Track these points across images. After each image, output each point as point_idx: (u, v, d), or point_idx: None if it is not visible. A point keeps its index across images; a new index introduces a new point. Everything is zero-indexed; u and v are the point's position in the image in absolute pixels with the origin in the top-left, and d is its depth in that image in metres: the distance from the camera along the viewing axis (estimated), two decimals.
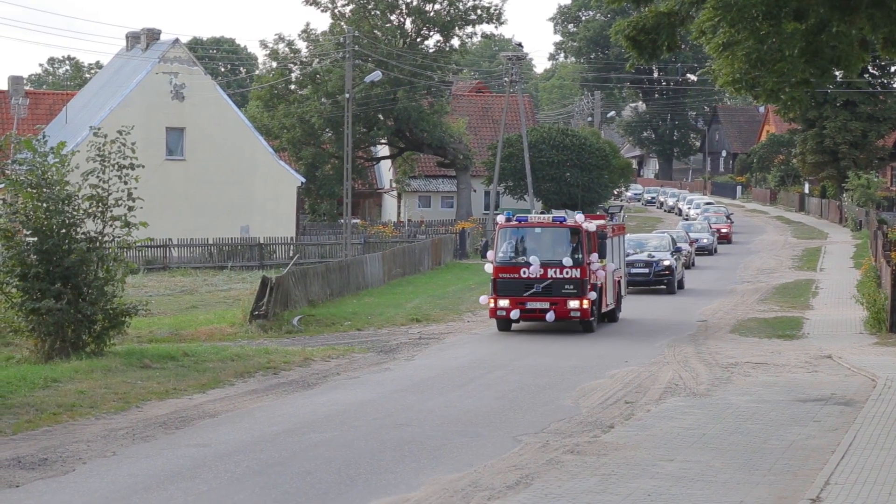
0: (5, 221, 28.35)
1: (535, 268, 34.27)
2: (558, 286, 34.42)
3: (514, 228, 35.07)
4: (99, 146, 29.12)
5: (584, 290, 34.48)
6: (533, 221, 35.43)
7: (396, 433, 20.87)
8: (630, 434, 20.61)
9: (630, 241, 47.98)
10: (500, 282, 34.69)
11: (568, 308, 34.46)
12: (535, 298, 34.44)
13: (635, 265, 47.06)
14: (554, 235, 34.81)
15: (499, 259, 34.85)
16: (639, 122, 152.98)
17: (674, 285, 48.06)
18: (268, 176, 68.24)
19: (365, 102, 77.50)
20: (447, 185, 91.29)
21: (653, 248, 48.51)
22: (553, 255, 34.60)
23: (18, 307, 28.18)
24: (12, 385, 23.89)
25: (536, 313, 34.53)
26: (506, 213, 35.38)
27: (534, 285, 34.45)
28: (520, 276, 34.51)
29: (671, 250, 48.80)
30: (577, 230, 34.68)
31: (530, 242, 34.85)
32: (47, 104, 79.44)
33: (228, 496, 16.30)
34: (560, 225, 34.89)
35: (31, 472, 17.57)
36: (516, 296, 34.51)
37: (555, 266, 34.43)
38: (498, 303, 34.67)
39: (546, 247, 34.67)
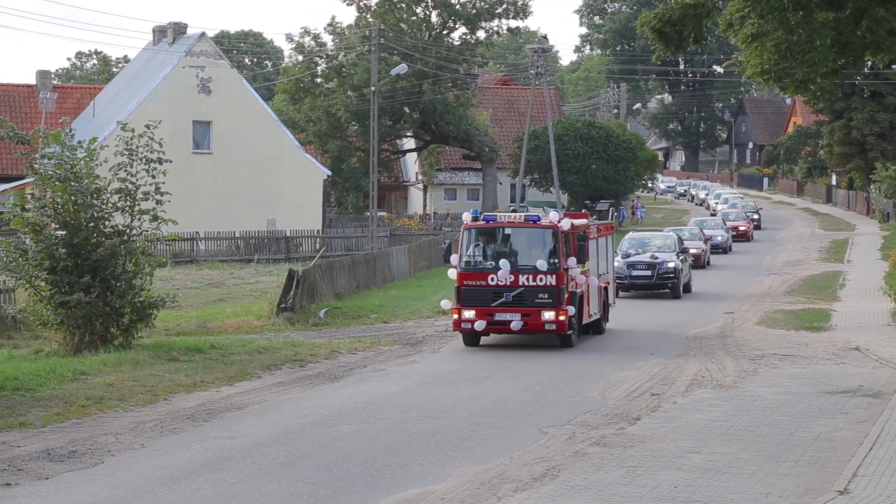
0: (34, 215, 28.51)
1: (505, 273, 29.74)
2: (531, 295, 29.82)
3: (480, 229, 30.61)
4: (127, 140, 29.26)
5: (560, 300, 29.86)
6: (502, 221, 30.86)
7: (422, 425, 20.92)
8: (656, 426, 20.60)
9: (632, 240, 45.73)
10: (465, 290, 30.22)
11: (542, 320, 29.86)
12: (504, 309, 29.92)
13: (637, 266, 43.40)
14: (526, 237, 30.31)
15: (463, 264, 30.37)
16: (665, 113, 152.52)
17: (679, 289, 43.65)
18: (294, 169, 68.35)
19: (391, 95, 77.52)
20: (473, 177, 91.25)
21: (656, 248, 44.52)
22: (525, 259, 30.10)
23: (47, 300, 28.34)
24: (41, 378, 24.05)
25: (506, 326, 30.10)
26: (472, 212, 30.98)
27: (503, 294, 29.90)
28: (487, 283, 29.99)
29: (676, 251, 44.62)
30: (554, 231, 30.08)
31: (499, 245, 30.41)
32: (75, 98, 79.77)
33: (256, 488, 16.37)
34: (533, 225, 30.30)
35: (60, 465, 17.68)
36: (483, 306, 29.98)
37: (527, 272, 29.86)
38: (462, 314, 30.16)
39: (517, 250, 30.26)
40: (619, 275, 41.24)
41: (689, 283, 45.64)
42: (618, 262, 41.67)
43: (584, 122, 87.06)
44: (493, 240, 30.49)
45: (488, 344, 31.90)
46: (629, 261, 43.04)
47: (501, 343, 31.95)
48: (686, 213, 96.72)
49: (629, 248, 44.31)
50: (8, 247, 29.29)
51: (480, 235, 30.49)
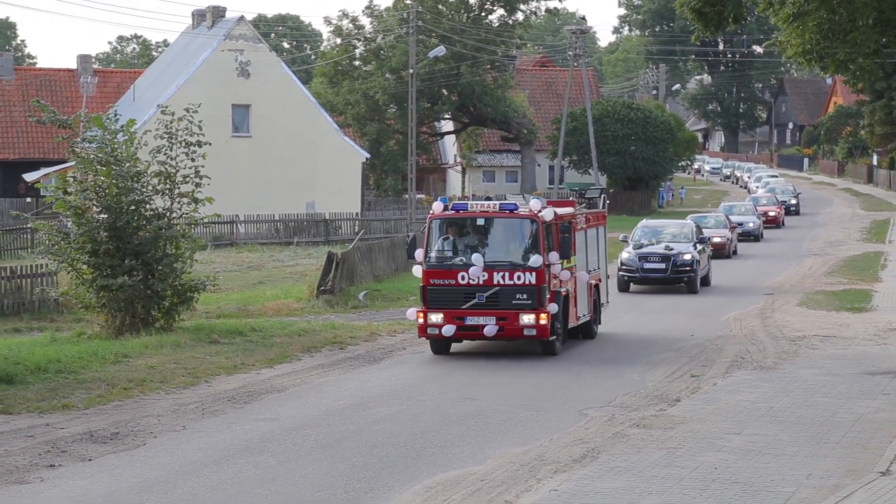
0: (76, 199, 28.69)
1: (478, 270, 25.61)
2: (508, 295, 25.68)
3: (449, 219, 26.44)
4: (167, 124, 29.41)
5: (541, 301, 25.66)
6: (474, 210, 26.36)
7: (462, 407, 20.96)
8: (696, 407, 20.57)
9: (645, 229, 41.57)
10: (432, 290, 26.03)
11: (520, 324, 25.71)
12: (477, 312, 25.78)
13: (650, 259, 39.30)
14: (502, 229, 26.31)
15: (430, 260, 26.20)
16: (704, 94, 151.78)
17: (695, 283, 39.54)
18: (333, 152, 68.45)
19: (429, 78, 77.46)
20: (511, 159, 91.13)
21: (671, 239, 40.51)
22: (501, 254, 26.09)
23: (89, 284, 28.54)
24: (84, 360, 24.24)
25: (479, 332, 25.95)
26: (440, 199, 27.06)
27: (475, 294, 25.77)
28: (457, 282, 25.81)
29: (694, 241, 40.46)
30: (534, 221, 26.04)
31: (471, 238, 26.33)
32: (115, 82, 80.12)
33: (296, 469, 16.46)
34: (510, 215, 26.18)
35: (103, 446, 17.83)
36: (453, 308, 25.81)
37: (503, 269, 25.75)
38: (429, 318, 25.91)
39: (492, 244, 26.22)
40: (629, 267, 39.15)
41: (709, 276, 41.48)
42: (629, 253, 39.47)
43: (622, 103, 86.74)
44: (463, 232, 26.39)
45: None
46: (641, 252, 39.41)
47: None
48: (726, 194, 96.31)
49: (642, 237, 40.63)
50: (50, 230, 29.49)
51: (449, 227, 26.39)
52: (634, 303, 37.43)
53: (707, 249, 41.79)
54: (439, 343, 26.75)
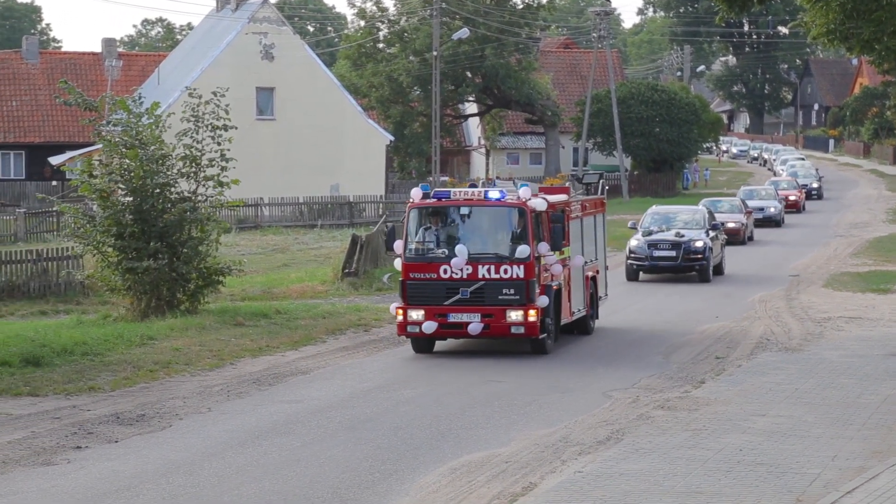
0: (101, 182, 28.78)
1: (461, 263, 23.76)
2: (494, 290, 23.82)
3: (430, 208, 24.48)
4: (193, 107, 29.45)
5: (530, 296, 23.80)
6: (457, 198, 24.51)
7: (486, 389, 21.00)
8: (721, 389, 20.56)
9: (655, 215, 39.70)
10: (412, 285, 24.15)
11: (507, 321, 23.83)
12: (460, 308, 23.91)
13: (659, 246, 37.55)
14: (488, 218, 24.47)
15: (410, 252, 24.32)
16: (729, 76, 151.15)
17: (708, 271, 37.71)
18: (357, 134, 68.46)
19: (453, 60, 77.36)
20: (535, 141, 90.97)
21: (682, 225, 38.70)
22: (486, 245, 24.22)
23: (115, 266, 28.64)
24: (110, 343, 24.35)
25: (463, 329, 24.09)
26: (421, 186, 25.00)
27: (459, 289, 23.92)
28: (439, 276, 23.94)
29: (706, 227, 38.65)
30: (521, 210, 24.09)
31: (454, 228, 24.46)
32: (140, 66, 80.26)
33: (322, 451, 16.52)
34: (496, 203, 24.26)
35: (129, 428, 17.93)
36: (434, 304, 23.91)
37: (489, 261, 23.90)
38: (409, 314, 24.01)
39: (476, 234, 24.37)
40: (638, 255, 37.53)
41: (722, 264, 39.62)
42: (637, 240, 37.77)
43: (647, 84, 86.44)
44: (446, 221, 24.49)
45: None
46: (651, 239, 37.64)
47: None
48: (751, 175, 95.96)
49: (651, 224, 38.80)
50: (76, 213, 29.61)
51: (431, 216, 24.47)
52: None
53: (720, 236, 40.03)
54: (420, 342, 24.80)
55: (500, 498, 13.99)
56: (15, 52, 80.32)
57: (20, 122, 76.15)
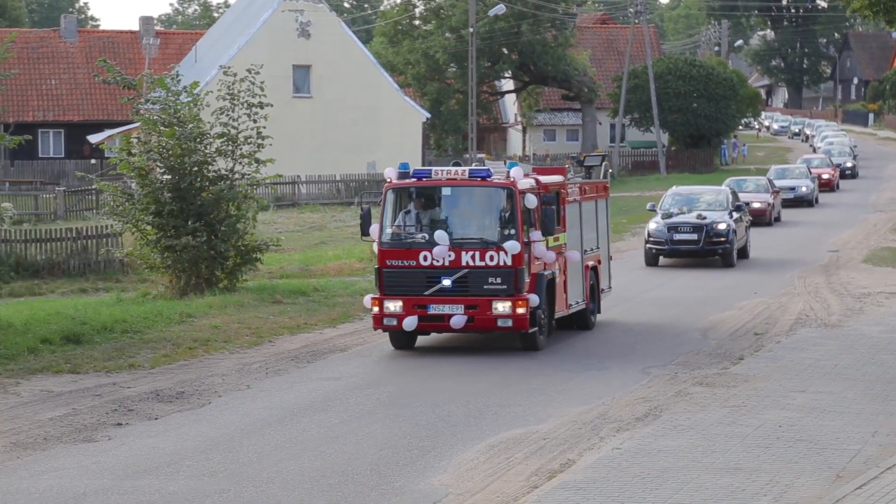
0: (140, 160, 28.90)
1: (443, 250, 21.52)
2: (478, 279, 21.63)
3: (410, 189, 22.26)
4: (229, 85, 29.52)
5: (518, 286, 21.61)
6: (439, 177, 22.24)
7: (524, 366, 21.00)
8: (760, 365, 20.49)
9: (676, 196, 37.52)
10: (390, 273, 22.01)
11: (494, 313, 21.62)
12: (442, 299, 21.73)
13: (680, 229, 35.27)
14: (472, 200, 22.29)
15: (387, 238, 22.17)
16: (767, 50, 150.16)
17: (731, 256, 35.48)
18: (393, 112, 68.45)
19: (489, 36, 77.17)
20: (572, 118, 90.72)
21: (704, 207, 36.53)
22: (471, 229, 22.06)
23: (154, 244, 28.78)
24: (149, 320, 24.50)
25: (445, 322, 21.84)
26: (399, 165, 22.68)
27: (440, 278, 21.72)
28: (419, 263, 21.74)
29: (729, 208, 36.43)
30: (510, 191, 21.77)
31: (436, 211, 22.30)
32: (177, 44, 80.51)
33: (360, 428, 16.58)
34: (482, 183, 21.98)
35: (169, 405, 18.04)
36: (413, 294, 21.80)
37: (473, 247, 21.66)
38: (385, 306, 21.91)
39: (460, 218, 22.23)
40: (658, 239, 35.31)
41: (747, 247, 37.48)
42: (657, 223, 35.49)
43: (684, 60, 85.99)
44: (427, 203, 22.30)
45: None
46: (671, 222, 35.40)
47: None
48: (789, 151, 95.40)
49: (672, 205, 36.75)
50: (115, 191, 29.76)
51: (410, 198, 22.30)
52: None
53: (745, 218, 37.72)
54: (399, 336, 22.51)
55: (538, 475, 14.01)
56: (53, 31, 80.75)
57: (59, 100, 76.58)
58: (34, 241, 36.01)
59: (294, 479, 14.10)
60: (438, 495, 13.39)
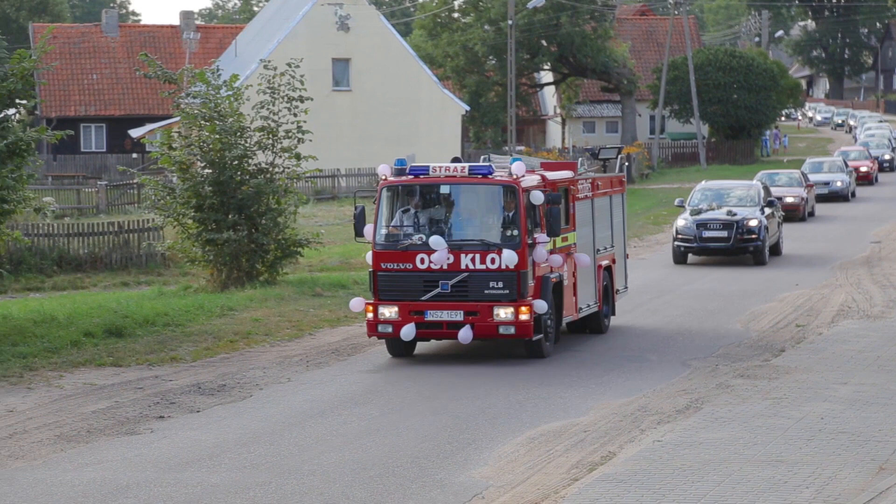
0: (181, 154, 29.03)
1: (442, 254, 20.21)
2: (479, 284, 20.31)
3: (406, 187, 21.01)
4: (269, 79, 29.60)
5: (522, 290, 20.30)
6: (437, 175, 20.85)
7: (563, 358, 20.98)
8: (802, 357, 20.39)
9: (705, 191, 36.20)
10: (384, 277, 20.69)
11: (495, 320, 20.31)
12: (440, 304, 20.41)
13: (709, 226, 34.08)
14: (472, 198, 21.00)
15: (381, 239, 20.87)
16: (808, 40, 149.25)
17: (763, 253, 34.14)
18: (432, 104, 68.47)
19: (528, 29, 77.07)
20: (611, 109, 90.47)
21: (735, 202, 35.33)
22: (471, 230, 20.73)
23: (195, 238, 28.91)
24: (191, 314, 24.62)
25: (443, 329, 20.63)
26: (396, 161, 21.42)
27: (438, 282, 20.39)
28: (415, 266, 20.45)
29: (761, 204, 35.12)
30: (512, 189, 20.46)
31: (434, 210, 20.96)
32: (217, 38, 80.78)
33: (400, 421, 16.62)
34: (482, 180, 20.69)
35: (210, 398, 18.13)
36: (410, 300, 20.49)
37: (473, 250, 20.35)
38: (380, 311, 20.60)
39: (460, 218, 20.90)
40: (686, 236, 34.14)
41: (779, 244, 36.16)
42: (685, 220, 34.35)
43: (724, 51, 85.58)
44: (424, 202, 21.01)
45: (629, 277, 31.60)
46: (700, 219, 34.23)
47: (644, 275, 31.64)
48: (830, 141, 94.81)
49: (701, 201, 35.52)
50: (156, 185, 29.90)
51: (406, 196, 21.00)
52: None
53: (777, 213, 36.45)
54: (396, 344, 21.16)
55: (579, 467, 14.00)
56: (95, 26, 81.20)
57: (101, 95, 77.01)
58: (76, 235, 36.27)
59: (335, 471, 14.15)
60: (479, 488, 13.41)
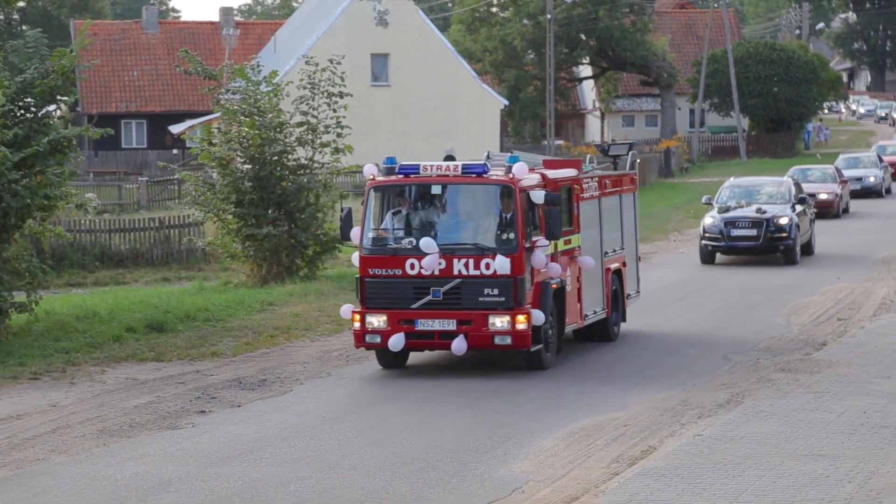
0: (221, 149, 29.13)
1: (433, 258, 18.80)
2: (473, 291, 18.94)
3: (395, 187, 19.71)
4: (309, 74, 29.66)
5: (519, 298, 18.86)
6: (429, 174, 19.47)
7: (603, 353, 20.94)
8: (843, 351, 20.28)
9: (734, 188, 34.88)
10: (372, 284, 19.36)
11: (490, 330, 18.92)
12: (431, 313, 19.06)
13: (738, 224, 32.80)
14: (466, 199, 19.60)
15: (368, 243, 19.53)
16: (849, 33, 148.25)
17: (794, 252, 32.74)
18: (471, 99, 68.44)
19: (566, 23, 76.94)
20: (651, 103, 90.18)
21: (765, 199, 34.01)
22: (464, 233, 19.39)
23: (235, 233, 29.02)
24: (231, 309, 24.72)
25: (435, 339, 19.27)
26: (385, 160, 20.11)
27: (430, 289, 19.02)
28: (405, 272, 19.06)
29: (792, 202, 33.76)
30: (509, 189, 19.04)
31: (425, 212, 19.67)
32: (257, 34, 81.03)
33: (440, 416, 16.65)
34: (477, 180, 19.29)
35: (251, 393, 18.20)
36: (399, 307, 19.14)
37: (466, 254, 18.95)
38: (367, 321, 19.27)
39: (452, 220, 19.61)
40: (713, 235, 32.82)
41: (811, 242, 34.68)
42: (713, 218, 33.02)
43: (764, 44, 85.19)
44: (415, 204, 19.67)
45: (667, 272, 31.45)
46: (728, 216, 32.90)
47: (683, 270, 31.46)
48: (872, 134, 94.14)
49: (729, 198, 34.21)
50: (196, 181, 30.02)
51: (395, 197, 19.69)
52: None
53: (809, 211, 35.09)
54: (386, 355, 19.79)
55: (619, 461, 13.98)
56: (135, 23, 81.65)
57: (141, 91, 77.42)
58: (118, 230, 36.51)
59: (375, 465, 14.18)
60: (519, 482, 13.41)
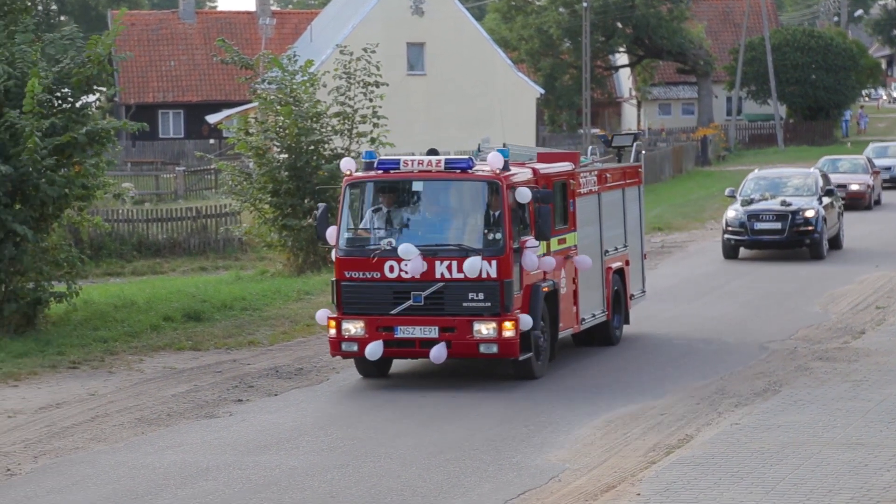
0: (257, 139, 29.21)
1: (418, 266, 17.41)
2: (456, 296, 17.53)
3: (374, 184, 18.25)
4: (345, 64, 29.68)
5: (506, 303, 17.44)
6: (409, 170, 18.13)
7: (638, 342, 20.90)
8: (882, 340, 20.18)
9: (759, 180, 33.41)
10: (348, 288, 17.96)
11: (475, 337, 17.48)
12: (412, 319, 17.67)
13: (762, 217, 31.40)
14: (449, 197, 18.38)
15: (344, 244, 18.10)
16: (888, 19, 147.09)
17: (821, 246, 31.42)
18: (507, 88, 68.34)
19: (603, 11, 76.72)
20: (687, 91, 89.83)
21: (792, 191, 32.55)
22: (447, 234, 18.05)
23: (271, 223, 29.09)
24: (267, 298, 24.81)
25: (416, 347, 17.83)
26: (365, 154, 18.82)
27: (410, 294, 17.62)
28: (384, 275, 17.69)
29: (818, 194, 32.40)
30: (495, 185, 17.70)
31: (405, 211, 18.36)
32: (293, 24, 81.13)
33: (478, 404, 16.69)
34: (461, 176, 17.96)
35: (287, 382, 18.28)
36: (378, 313, 17.76)
37: (449, 256, 17.55)
38: (343, 327, 17.90)
39: (435, 219, 18.33)
40: (736, 229, 31.47)
41: (839, 236, 33.23)
42: (735, 210, 31.63)
43: (802, 31, 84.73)
44: (395, 201, 18.26)
45: (704, 260, 31.33)
46: (751, 209, 31.53)
47: (721, 258, 31.37)
48: None
49: (754, 190, 32.73)
50: (233, 171, 30.12)
51: (374, 195, 18.27)
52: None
53: (836, 203, 33.48)
54: (365, 363, 18.37)
55: (656, 450, 13.96)
56: (172, 13, 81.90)
57: (178, 81, 77.67)
58: (155, 220, 36.65)
59: (411, 454, 14.21)
60: (555, 470, 13.42)
